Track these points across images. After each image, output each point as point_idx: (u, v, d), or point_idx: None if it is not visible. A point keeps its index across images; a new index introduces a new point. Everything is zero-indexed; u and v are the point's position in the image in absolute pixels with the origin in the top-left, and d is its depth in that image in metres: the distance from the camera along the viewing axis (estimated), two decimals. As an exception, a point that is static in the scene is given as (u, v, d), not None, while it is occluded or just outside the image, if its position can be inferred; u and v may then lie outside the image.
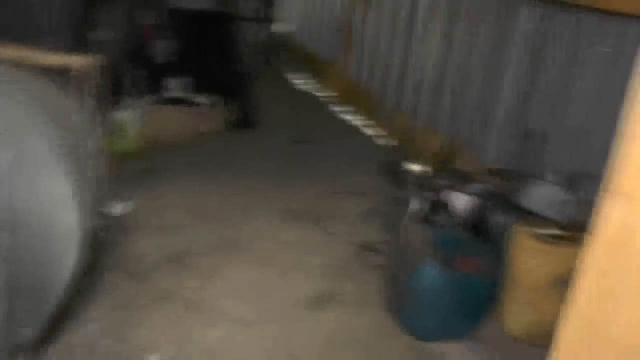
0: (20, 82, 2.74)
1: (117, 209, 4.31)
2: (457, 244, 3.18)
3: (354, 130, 6.95)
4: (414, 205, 3.92)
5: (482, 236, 3.43)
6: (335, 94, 7.86)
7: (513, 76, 4.56)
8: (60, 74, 2.75)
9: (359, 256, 4.11)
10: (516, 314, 3.19)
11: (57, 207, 2.59)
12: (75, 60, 2.56)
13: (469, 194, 3.79)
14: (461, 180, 4.03)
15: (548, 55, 4.23)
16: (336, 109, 7.64)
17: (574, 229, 3.11)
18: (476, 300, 3.17)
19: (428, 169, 5.06)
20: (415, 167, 5.40)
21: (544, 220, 3.23)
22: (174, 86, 6.00)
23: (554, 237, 3.10)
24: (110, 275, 3.60)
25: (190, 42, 6.35)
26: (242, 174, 5.29)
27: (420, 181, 4.29)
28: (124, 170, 4.95)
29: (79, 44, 3.89)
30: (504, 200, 3.53)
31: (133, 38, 5.40)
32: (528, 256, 3.09)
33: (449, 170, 4.42)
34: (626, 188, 1.08)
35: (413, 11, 6.02)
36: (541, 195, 3.35)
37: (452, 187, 3.96)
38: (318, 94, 8.24)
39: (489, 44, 4.84)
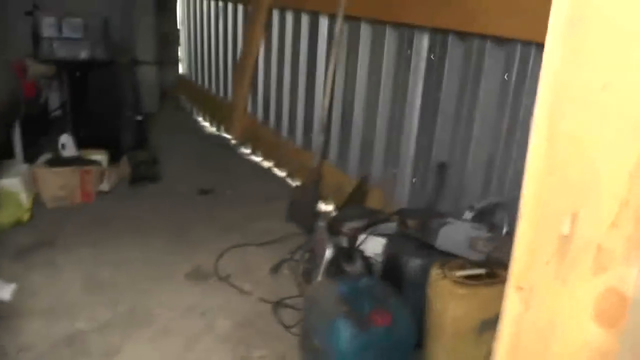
0: None
1: (0, 291, 3.91)
2: (371, 296, 2.93)
3: (262, 173, 6.69)
4: (325, 253, 3.69)
5: (399, 283, 3.21)
6: (240, 135, 7.59)
7: (417, 108, 4.42)
8: None
9: (271, 315, 3.81)
10: (442, 365, 2.96)
11: None
12: None
13: (382, 236, 3.58)
14: (373, 222, 3.82)
15: (448, 85, 4.11)
16: (242, 151, 7.37)
17: (492, 266, 2.93)
18: (398, 355, 2.93)
19: (339, 210, 4.86)
20: (326, 209, 5.19)
21: (461, 261, 3.02)
22: (64, 143, 5.57)
23: (473, 278, 2.89)
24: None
25: (78, 94, 5.98)
26: (142, 235, 4.90)
27: (331, 224, 4.06)
28: (9, 244, 4.57)
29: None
30: (418, 242, 3.33)
31: (10, 95, 4.98)
32: (448, 302, 2.87)
33: (360, 212, 4.21)
34: (522, 280, 0.84)
35: (313, 46, 5.84)
36: (455, 234, 3.15)
37: (365, 230, 3.75)
38: (222, 136, 7.96)
39: (392, 76, 4.69)
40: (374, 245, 3.57)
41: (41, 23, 5.81)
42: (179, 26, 10.07)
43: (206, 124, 8.68)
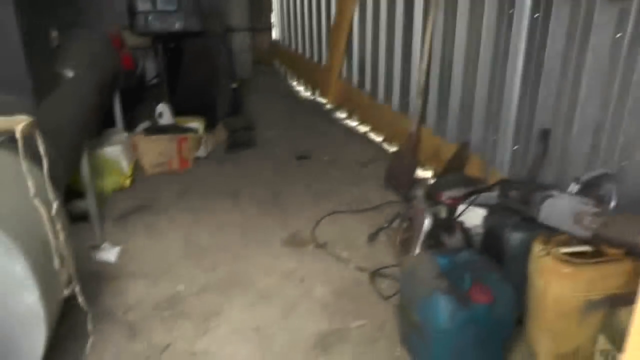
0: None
1: (106, 253, 4.07)
2: (472, 270, 2.84)
3: (358, 137, 6.63)
4: (424, 223, 3.62)
5: (499, 257, 3.10)
6: (335, 100, 7.54)
7: (519, 70, 4.21)
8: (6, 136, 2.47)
9: (369, 284, 3.78)
10: (545, 345, 2.85)
11: (11, 288, 2.32)
12: (16, 122, 2.28)
13: (482, 207, 3.47)
14: (473, 192, 3.71)
15: (553, 45, 3.88)
16: (337, 115, 7.33)
17: (599, 244, 2.77)
18: (497, 333, 2.84)
19: (438, 178, 4.77)
20: (424, 176, 5.10)
21: (566, 237, 2.88)
22: (162, 112, 5.73)
23: (578, 255, 2.75)
24: (101, 330, 3.30)
25: (174, 64, 6.10)
26: (238, 200, 4.99)
27: (430, 193, 3.97)
28: (113, 209, 4.74)
29: (42, 84, 3.58)
30: (520, 215, 3.20)
31: (110, 67, 5.11)
32: (551, 280, 2.74)
33: (460, 180, 4.10)
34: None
35: (409, 7, 5.69)
36: (560, 208, 2.99)
37: (464, 200, 3.65)
38: (317, 101, 7.94)
39: (492, 37, 4.49)
40: (473, 217, 3.46)
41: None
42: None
43: (300, 89, 8.68)
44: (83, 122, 4.09)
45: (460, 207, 3.61)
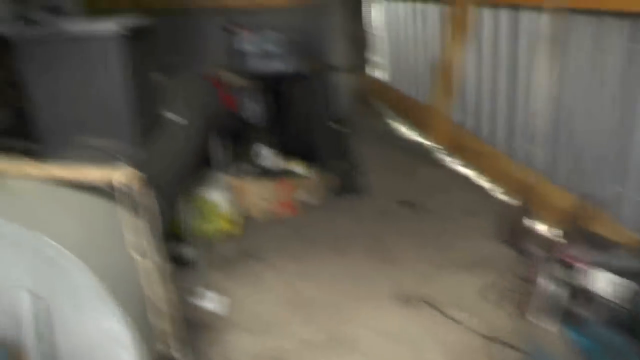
0: (55, 202, 2.41)
1: (209, 301, 4.00)
2: (612, 353, 2.50)
3: (466, 182, 6.31)
4: (545, 286, 3.30)
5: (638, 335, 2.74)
6: (439, 141, 7.27)
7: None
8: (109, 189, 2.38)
9: (484, 350, 3.48)
10: None
11: (108, 344, 2.22)
12: (119, 175, 2.18)
13: (615, 272, 3.10)
14: (601, 252, 3.34)
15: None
16: (442, 157, 7.05)
17: None
18: None
19: (557, 232, 4.40)
20: (541, 230, 4.73)
21: None
22: (265, 155, 5.64)
23: None
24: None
25: (276, 105, 6.03)
26: (344, 251, 4.81)
27: (550, 250, 3.63)
28: (215, 254, 4.65)
29: (143, 127, 3.53)
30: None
31: (210, 107, 5.07)
32: None
33: (583, 236, 3.73)
34: None
35: (514, 43, 5.41)
36: None
37: (592, 262, 3.28)
38: (420, 142, 7.69)
39: (617, 75, 4.13)
40: (603, 283, 3.09)
41: (237, 38, 5.96)
42: (373, 30, 9.94)
43: (403, 129, 8.46)
44: (184, 165, 4.03)
45: (589, 271, 3.25)
